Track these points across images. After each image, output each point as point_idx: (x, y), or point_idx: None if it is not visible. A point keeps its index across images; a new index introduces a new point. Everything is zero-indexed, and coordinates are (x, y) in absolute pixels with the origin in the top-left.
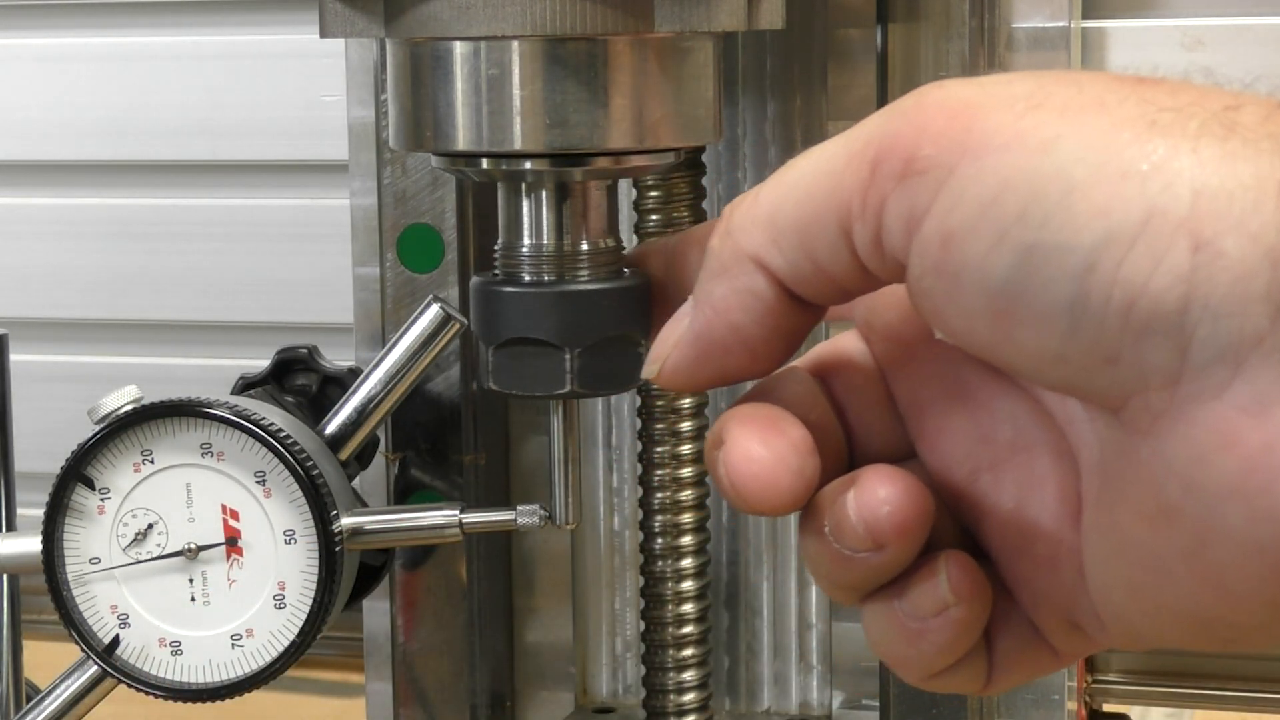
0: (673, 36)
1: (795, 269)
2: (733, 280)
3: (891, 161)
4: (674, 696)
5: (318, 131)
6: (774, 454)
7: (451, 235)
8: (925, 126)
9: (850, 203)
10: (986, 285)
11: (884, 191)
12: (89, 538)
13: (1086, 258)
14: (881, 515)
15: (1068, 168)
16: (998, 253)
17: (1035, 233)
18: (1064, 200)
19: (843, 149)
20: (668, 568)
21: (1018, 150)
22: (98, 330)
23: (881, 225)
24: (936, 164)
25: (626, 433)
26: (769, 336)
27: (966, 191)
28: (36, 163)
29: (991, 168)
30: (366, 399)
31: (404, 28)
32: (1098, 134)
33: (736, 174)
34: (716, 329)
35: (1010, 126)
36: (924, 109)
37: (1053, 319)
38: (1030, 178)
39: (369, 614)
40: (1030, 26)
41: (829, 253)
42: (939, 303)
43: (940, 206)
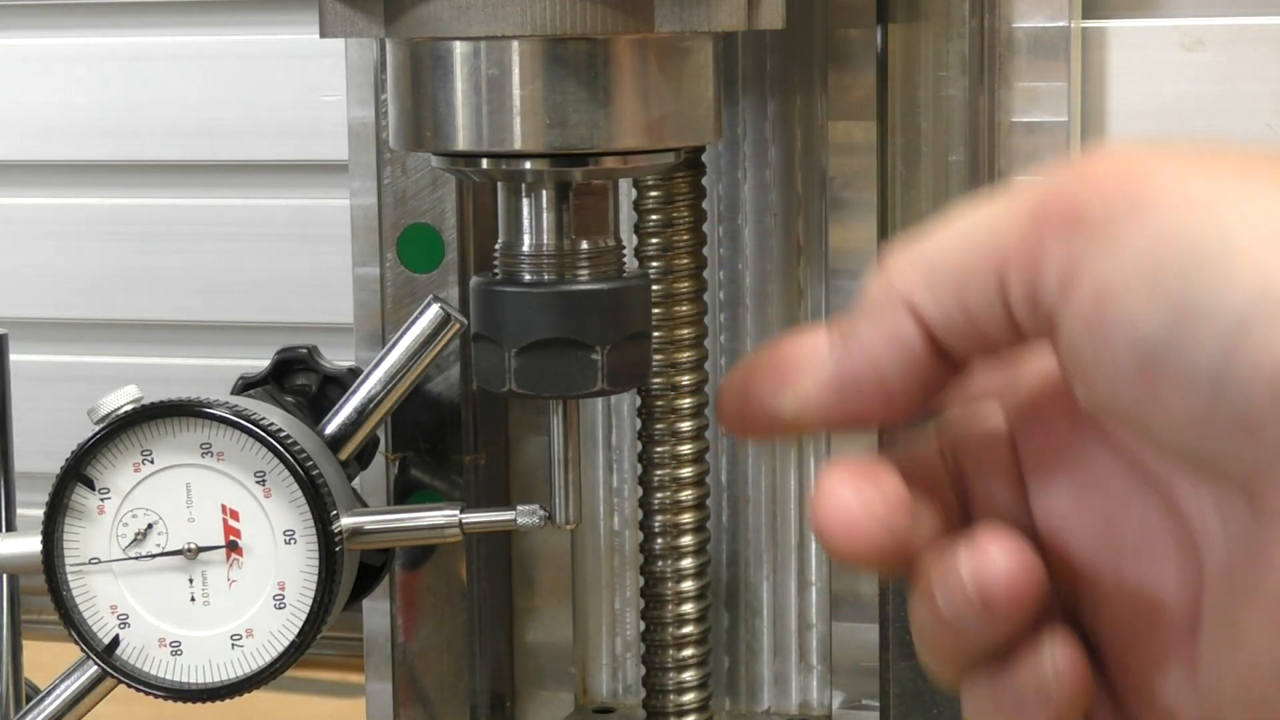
0: (673, 36)
1: (947, 317)
2: (883, 321)
3: (1055, 214)
4: (674, 696)
5: (318, 131)
6: (862, 502)
7: (451, 235)
8: (1094, 183)
9: (1009, 252)
10: (1135, 341)
11: (1044, 243)
12: (89, 538)
13: (1240, 319)
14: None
15: (1230, 227)
16: (1150, 308)
17: (1191, 290)
18: (1222, 259)
19: (1006, 204)
20: (668, 568)
21: (1180, 208)
22: (98, 330)
23: (1038, 278)
24: (1100, 219)
25: (626, 433)
26: (909, 384)
27: (1127, 247)
28: (36, 163)
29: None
30: (366, 399)
31: (404, 28)
32: (1263, 195)
33: (736, 174)
34: (861, 368)
35: (1177, 186)
36: (1095, 166)
37: (1198, 381)
38: (1190, 234)
39: (369, 614)
40: (1030, 26)
41: (983, 302)
42: (1086, 360)
43: (1098, 261)
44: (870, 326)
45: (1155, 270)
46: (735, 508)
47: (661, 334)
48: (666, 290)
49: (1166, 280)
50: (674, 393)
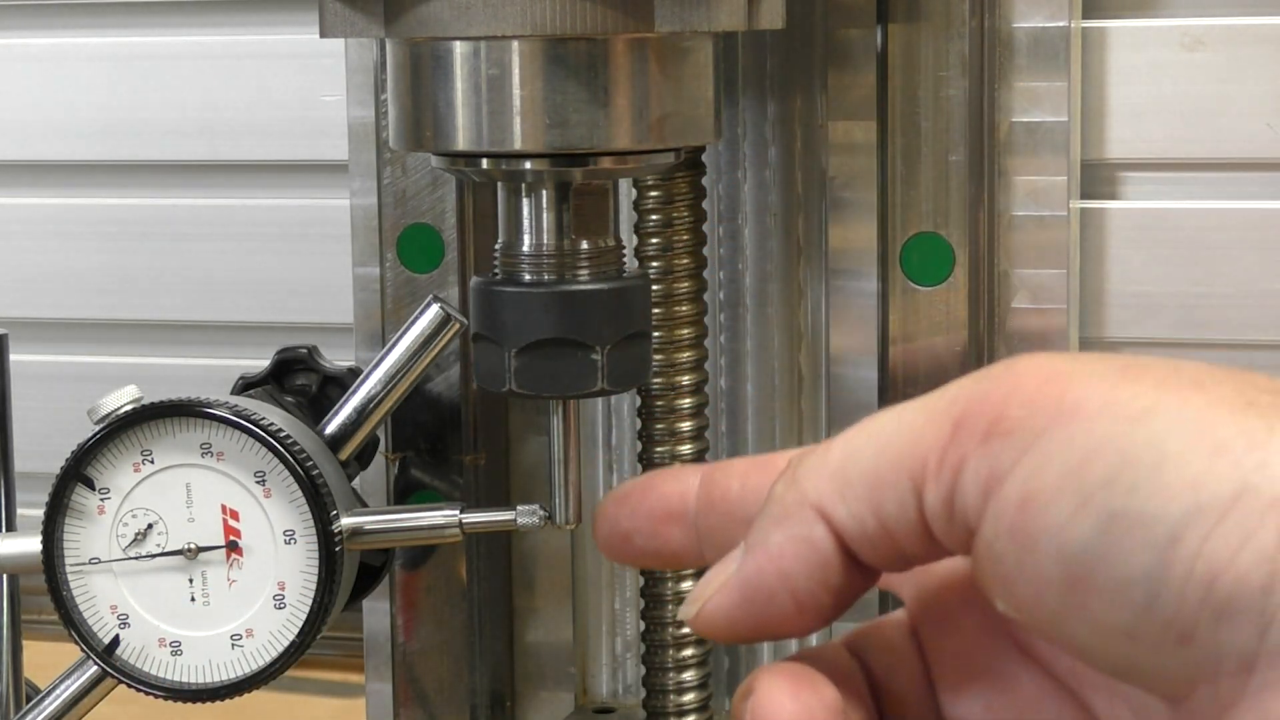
0: (673, 36)
1: (859, 524)
2: (792, 528)
3: (977, 420)
4: (674, 696)
5: (318, 131)
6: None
7: (451, 235)
8: (1015, 390)
9: (927, 459)
10: (1063, 551)
11: (964, 450)
12: (89, 538)
13: (1172, 529)
14: None
15: (1161, 438)
16: (1079, 518)
17: (1122, 499)
18: (1155, 470)
19: (924, 407)
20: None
21: (1110, 418)
22: (98, 330)
23: (957, 485)
24: (1024, 426)
25: (626, 433)
26: (819, 592)
27: (1053, 454)
28: (36, 163)
29: (1082, 432)
30: (366, 399)
31: (404, 28)
32: (1194, 409)
33: (736, 174)
34: (767, 575)
35: (1104, 395)
36: (1015, 374)
37: (1129, 590)
38: (1121, 445)
39: (369, 614)
40: (1030, 26)
41: (897, 510)
42: (1008, 569)
43: (1023, 469)
44: (780, 535)
45: (1083, 479)
46: None
47: (661, 334)
48: (666, 290)
49: (1095, 489)
50: (674, 393)
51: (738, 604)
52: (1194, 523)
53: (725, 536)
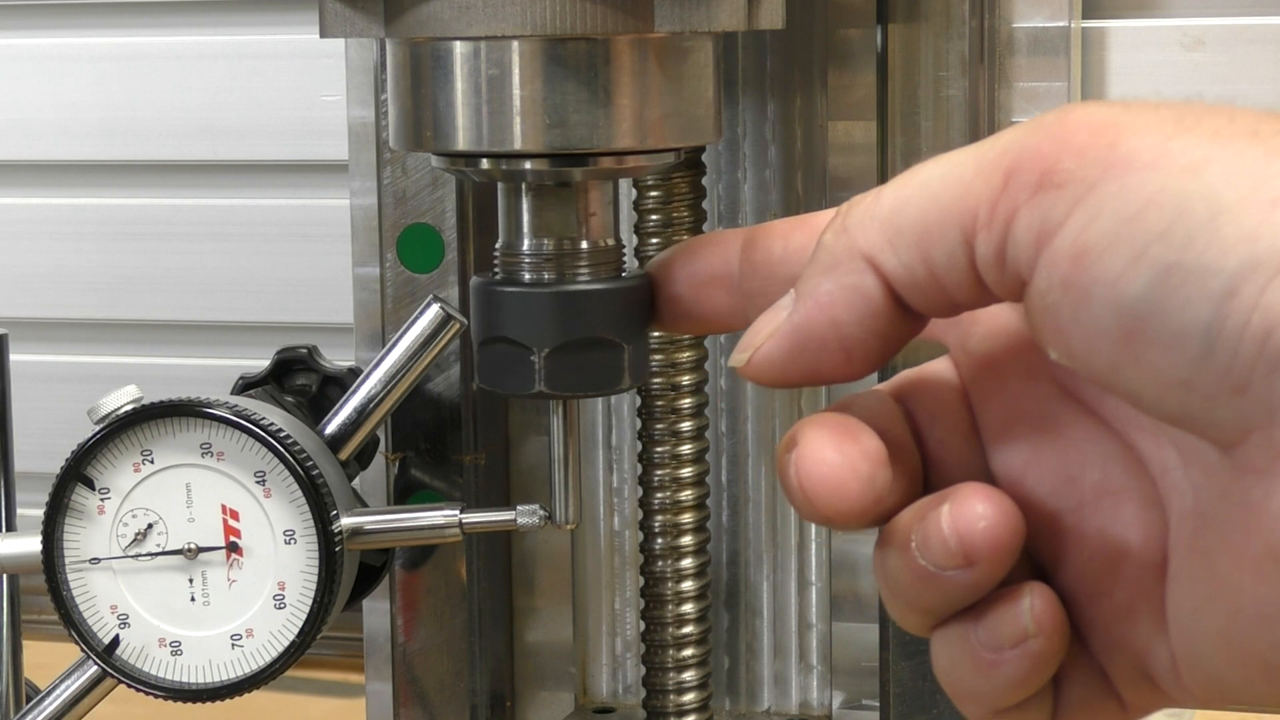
0: (673, 36)
1: (909, 273)
2: (842, 276)
3: (1028, 172)
4: (674, 696)
5: (318, 131)
6: (846, 460)
7: (451, 235)
8: (1068, 141)
9: (977, 210)
10: (1119, 303)
11: (1016, 202)
12: (89, 538)
13: (1229, 281)
14: (978, 530)
15: (1217, 190)
16: (1134, 270)
17: (1177, 252)
18: (1211, 222)
19: (974, 156)
20: (668, 568)
21: (1165, 170)
22: (98, 330)
23: (1009, 237)
24: (1076, 178)
25: (626, 433)
26: (868, 339)
27: (1106, 206)
28: (36, 163)
29: (1135, 185)
30: (366, 399)
31: (404, 28)
32: (1250, 160)
33: (736, 174)
34: (817, 323)
35: (1158, 147)
36: (1067, 124)
37: (1185, 342)
38: (1176, 197)
39: (369, 614)
40: (1030, 26)
41: (946, 260)
42: (1063, 320)
43: (1077, 221)
44: (828, 280)
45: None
46: (735, 508)
47: (662, 334)
48: None
49: (1150, 242)
50: (674, 393)
51: (788, 351)
52: (1250, 275)
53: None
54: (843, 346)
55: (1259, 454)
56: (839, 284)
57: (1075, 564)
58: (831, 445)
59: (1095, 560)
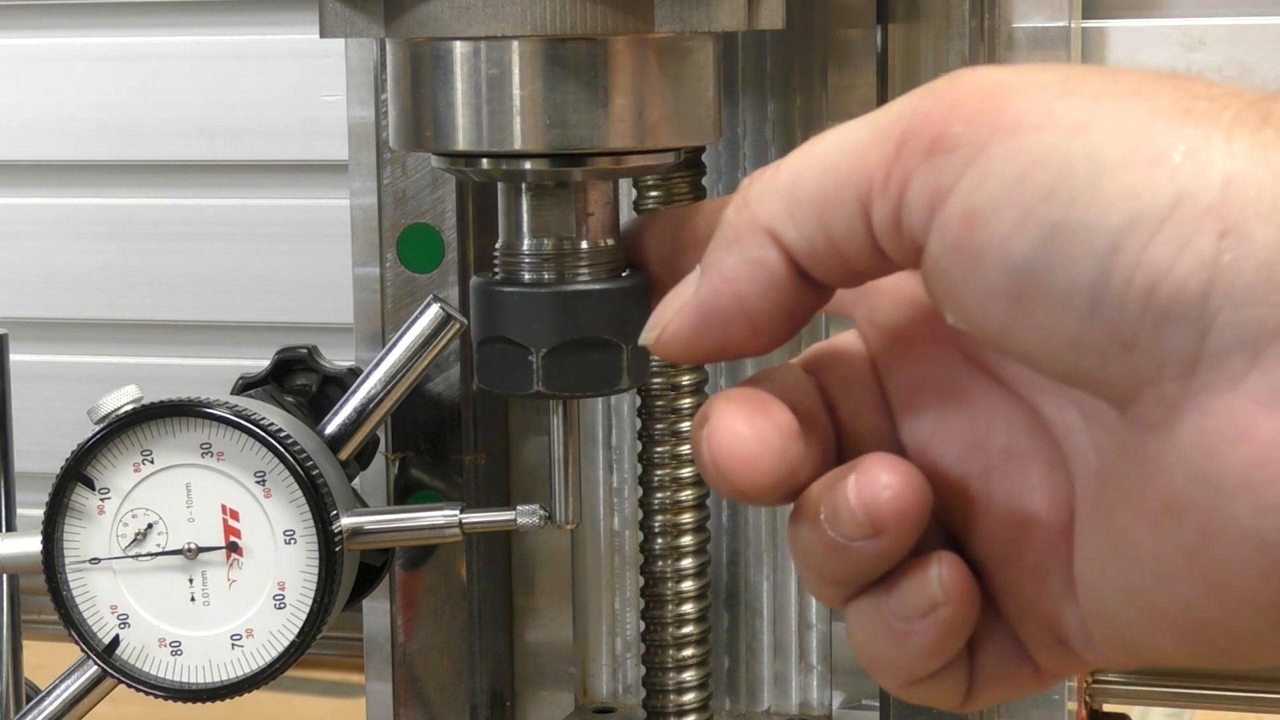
0: (673, 36)
1: (809, 244)
2: (744, 250)
3: (919, 138)
4: (674, 696)
5: (318, 131)
6: (757, 433)
7: (451, 235)
8: (957, 105)
9: (872, 178)
10: (1007, 264)
11: (908, 168)
12: (89, 538)
13: (1112, 239)
14: (883, 500)
15: (1099, 149)
16: (1021, 231)
17: (1061, 211)
18: (1093, 180)
19: (869, 125)
20: (668, 568)
21: (1049, 131)
22: (98, 330)
23: (903, 202)
24: (965, 142)
25: (626, 433)
26: (773, 311)
27: (994, 169)
28: (36, 163)
29: (1021, 146)
30: (366, 399)
31: (404, 27)
32: (1131, 119)
33: (736, 174)
34: (722, 298)
35: (1043, 108)
36: (956, 89)
37: (1072, 300)
38: (1060, 157)
39: (369, 614)
40: (1030, 26)
41: (845, 229)
42: (955, 283)
43: (966, 184)
44: (731, 255)
45: (1024, 193)
46: (735, 508)
47: None
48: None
49: (1036, 202)
50: (674, 393)
51: (696, 327)
52: (1132, 232)
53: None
54: (749, 320)
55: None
56: (742, 258)
57: (985, 529)
58: (743, 419)
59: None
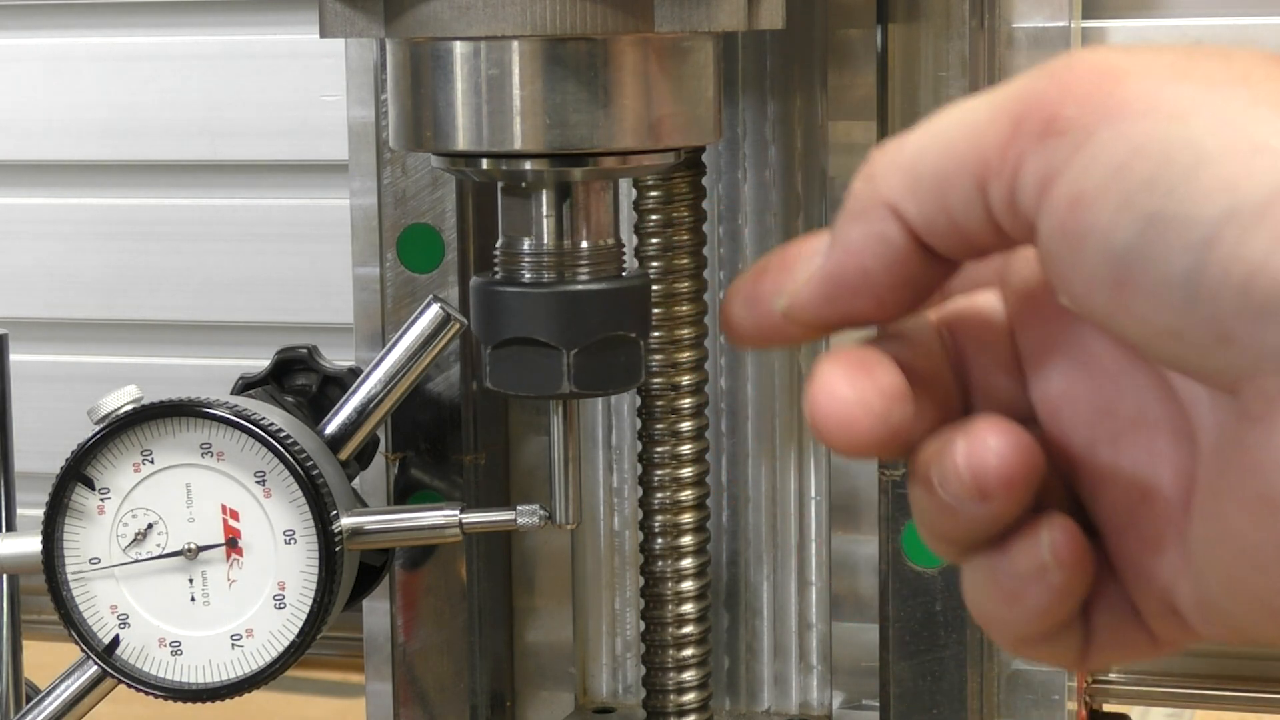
0: (673, 36)
1: (929, 220)
2: (868, 224)
3: (1033, 120)
4: (674, 696)
5: (318, 131)
6: (858, 395)
7: (451, 235)
8: (1071, 88)
9: (989, 158)
10: (1108, 251)
11: (1023, 149)
12: (89, 538)
13: (1208, 231)
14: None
15: (1200, 139)
16: (1122, 218)
17: (1160, 201)
18: (1192, 170)
19: (987, 103)
20: (668, 568)
21: (1154, 117)
22: (98, 330)
23: (1017, 183)
24: (1077, 125)
25: (626, 433)
26: (897, 284)
27: (1100, 154)
28: (36, 163)
29: (1126, 132)
30: (366, 399)
31: (404, 28)
32: (1235, 108)
33: (736, 174)
34: (848, 271)
35: (1151, 93)
36: (1072, 70)
37: (1169, 291)
38: (1162, 145)
39: (369, 614)
40: (1030, 26)
41: (964, 207)
42: (1063, 267)
43: (1074, 168)
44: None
45: (1126, 180)
46: (735, 508)
47: (661, 334)
48: (666, 290)
49: (1136, 190)
50: (674, 393)
51: (823, 297)
52: (1229, 224)
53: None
54: (874, 293)
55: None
56: (866, 232)
57: (1108, 496)
58: (846, 380)
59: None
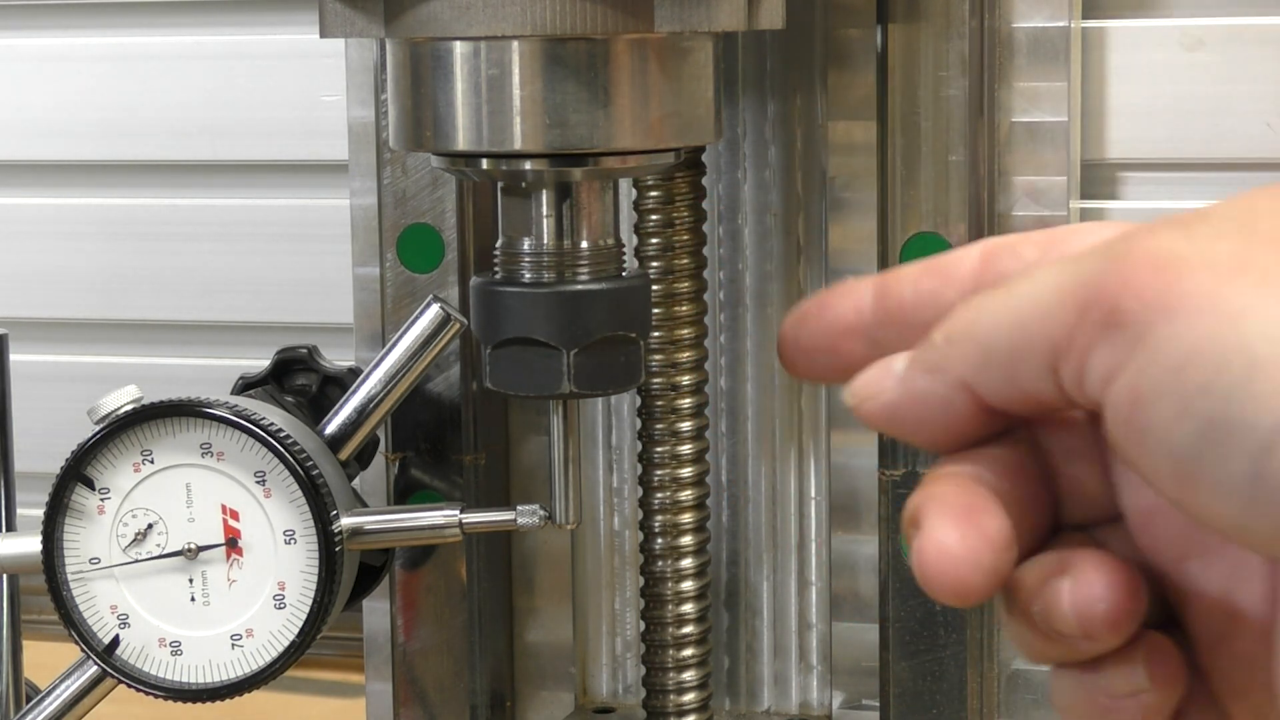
0: (673, 36)
1: (999, 393)
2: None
3: (1096, 310)
4: (674, 696)
5: (318, 131)
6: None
7: (451, 235)
8: (1130, 279)
9: (1058, 342)
10: (1170, 450)
11: (1089, 339)
12: (89, 538)
13: (1265, 438)
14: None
15: (1252, 343)
16: (1181, 421)
17: (1219, 407)
18: (1246, 377)
19: (1055, 285)
20: (668, 568)
21: (1210, 317)
22: (98, 330)
23: (1085, 370)
24: (1137, 319)
25: (626, 433)
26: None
27: (1158, 355)
28: (36, 163)
29: (1183, 333)
30: (366, 399)
31: (404, 28)
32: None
33: (736, 174)
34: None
35: (1208, 291)
36: (1131, 258)
37: (1231, 491)
38: (1218, 349)
39: (369, 614)
40: (1030, 26)
41: (1034, 382)
42: (1130, 453)
43: (1134, 365)
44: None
45: (1184, 384)
46: (735, 508)
47: (661, 334)
48: (666, 290)
49: (1194, 395)
50: (674, 393)
51: (885, 420)
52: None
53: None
54: (931, 437)
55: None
56: (933, 390)
57: (1199, 611)
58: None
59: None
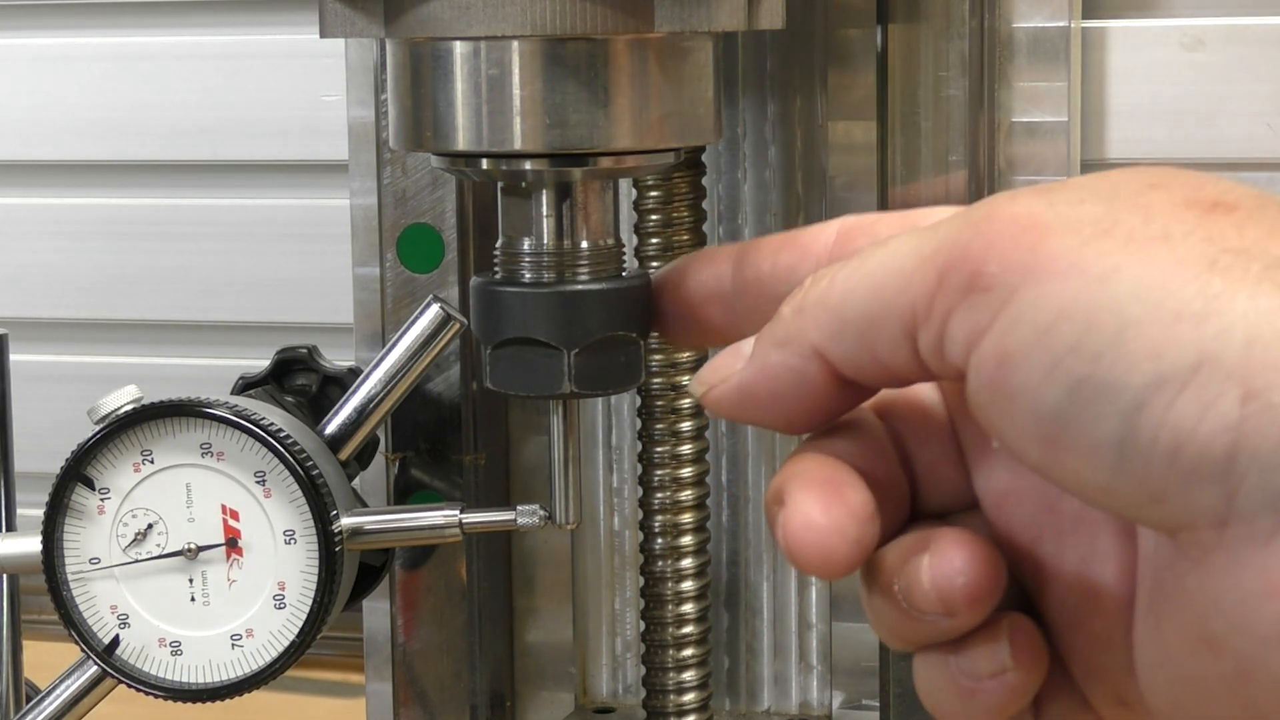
0: (673, 36)
1: (853, 360)
2: (789, 355)
3: (958, 274)
4: (674, 696)
5: (318, 131)
6: (832, 522)
7: (451, 235)
8: (993, 242)
9: (916, 307)
10: (1038, 411)
11: (950, 303)
12: (89, 538)
13: (1136, 397)
14: (957, 585)
15: (1124, 303)
16: (1050, 381)
17: (1087, 366)
18: (1118, 337)
19: (914, 250)
20: (668, 568)
21: (1077, 279)
22: (98, 330)
23: (945, 335)
24: (1000, 283)
25: (626, 433)
26: (808, 409)
27: (1024, 316)
28: (36, 163)
29: (1050, 294)
30: (366, 399)
31: (404, 28)
32: (1157, 270)
33: (736, 174)
34: (761, 389)
35: (1074, 252)
36: (994, 222)
37: (1100, 453)
38: (1086, 309)
39: (369, 614)
40: (1030, 26)
41: (890, 349)
42: (994, 419)
43: (999, 327)
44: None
45: (1052, 343)
46: (735, 508)
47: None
48: None
49: (1063, 354)
50: (674, 393)
51: (736, 402)
52: (1156, 392)
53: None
54: (784, 413)
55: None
56: (785, 362)
57: (1055, 592)
58: (819, 506)
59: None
